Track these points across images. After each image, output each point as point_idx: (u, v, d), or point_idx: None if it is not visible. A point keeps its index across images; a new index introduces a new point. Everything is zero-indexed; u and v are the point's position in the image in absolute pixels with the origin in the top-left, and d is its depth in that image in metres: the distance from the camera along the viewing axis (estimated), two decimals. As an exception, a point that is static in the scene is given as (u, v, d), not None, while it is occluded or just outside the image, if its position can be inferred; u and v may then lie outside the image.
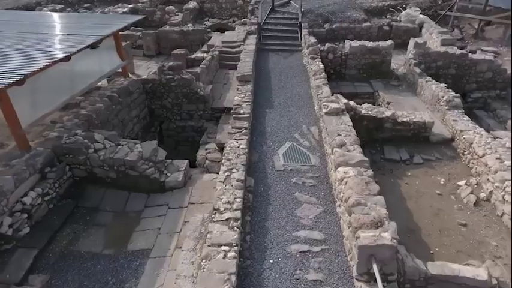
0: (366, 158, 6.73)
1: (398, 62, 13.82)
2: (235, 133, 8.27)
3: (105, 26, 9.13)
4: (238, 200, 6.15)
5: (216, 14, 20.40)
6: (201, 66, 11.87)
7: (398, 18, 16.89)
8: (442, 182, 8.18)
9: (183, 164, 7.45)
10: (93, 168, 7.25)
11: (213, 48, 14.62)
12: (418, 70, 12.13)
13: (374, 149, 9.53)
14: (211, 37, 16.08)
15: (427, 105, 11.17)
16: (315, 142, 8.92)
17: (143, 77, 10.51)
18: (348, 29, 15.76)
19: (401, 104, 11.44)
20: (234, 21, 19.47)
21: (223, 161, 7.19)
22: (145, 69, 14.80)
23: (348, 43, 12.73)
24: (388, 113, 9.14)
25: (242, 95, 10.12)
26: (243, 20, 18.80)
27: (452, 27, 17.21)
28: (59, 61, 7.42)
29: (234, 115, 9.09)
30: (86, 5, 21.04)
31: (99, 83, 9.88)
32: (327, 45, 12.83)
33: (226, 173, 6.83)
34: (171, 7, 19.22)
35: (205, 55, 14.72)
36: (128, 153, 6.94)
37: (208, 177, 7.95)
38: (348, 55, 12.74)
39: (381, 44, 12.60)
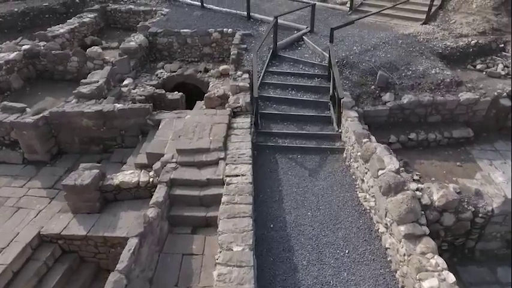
0: None
1: None
2: None
3: None
4: None
5: (177, 55, 12.22)
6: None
7: (500, 71, 9.31)
8: None
9: None
10: None
11: (158, 167, 6.62)
12: None
13: None
14: (159, 122, 8.05)
15: None
16: None
17: None
18: (433, 106, 8.02)
19: None
20: (206, 70, 11.44)
21: None
22: (11, 214, 6.64)
23: (502, 198, 5.02)
24: None
25: None
26: (221, 68, 10.86)
27: None
28: None
29: None
30: (-41, 41, 12.56)
31: None
32: (443, 195, 5.04)
33: None
34: (94, 49, 10.86)
35: (141, 176, 6.77)
36: None
37: None
38: (491, 215, 5.04)
39: None
